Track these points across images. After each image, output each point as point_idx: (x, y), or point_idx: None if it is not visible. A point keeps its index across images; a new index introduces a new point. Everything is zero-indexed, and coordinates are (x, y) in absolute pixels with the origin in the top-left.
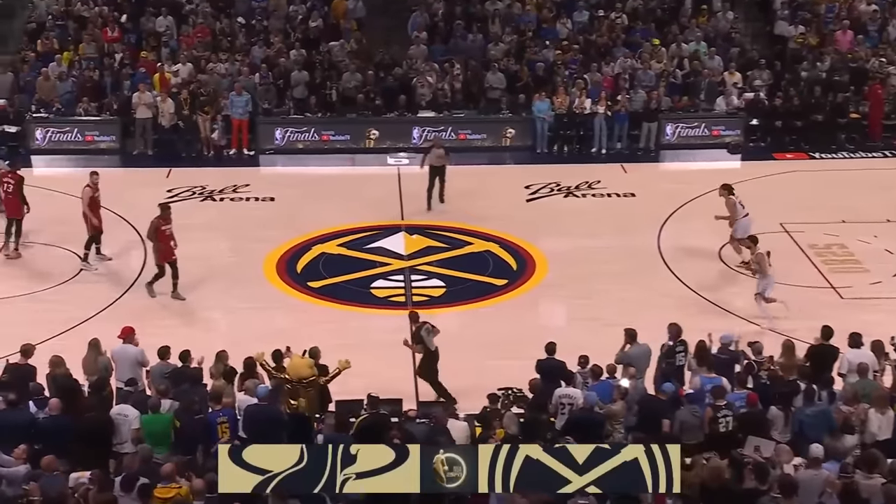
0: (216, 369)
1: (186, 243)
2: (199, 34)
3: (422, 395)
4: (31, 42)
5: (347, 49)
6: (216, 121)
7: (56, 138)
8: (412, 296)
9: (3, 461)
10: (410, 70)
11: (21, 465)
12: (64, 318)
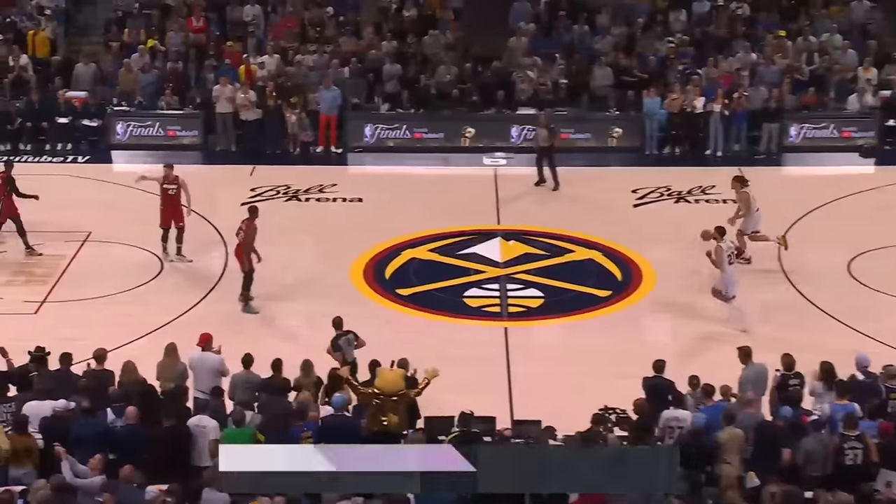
0: (304, 381)
1: (269, 246)
2: (287, 24)
3: (517, 413)
4: (116, 31)
5: (443, 41)
6: (303, 116)
7: (137, 133)
8: (508, 306)
9: (79, 471)
10: (510, 64)
11: (97, 475)
12: (141, 322)
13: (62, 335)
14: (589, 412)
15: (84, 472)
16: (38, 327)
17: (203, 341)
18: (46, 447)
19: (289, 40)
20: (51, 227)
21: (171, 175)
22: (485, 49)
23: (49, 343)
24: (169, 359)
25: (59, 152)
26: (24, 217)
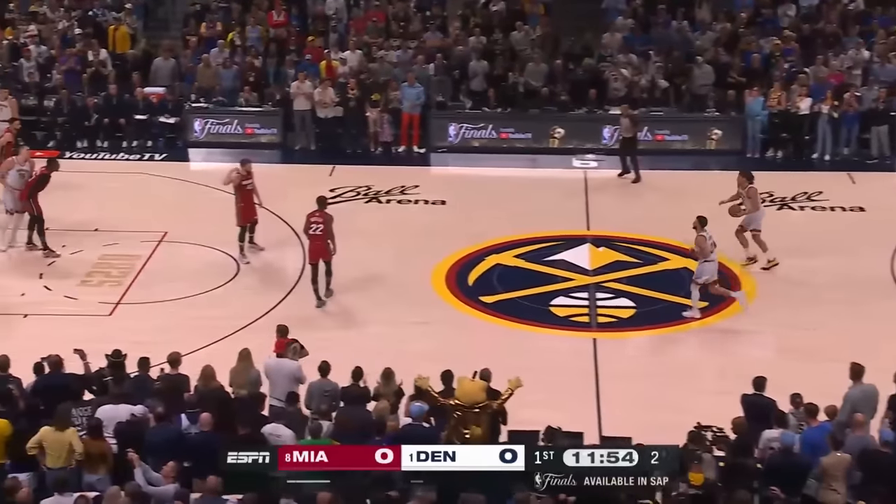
0: (384, 390)
1: (348, 249)
2: (370, 18)
3: (606, 429)
4: (194, 26)
5: (532, 37)
6: (385, 114)
7: (215, 130)
8: (597, 316)
9: (152, 478)
10: (603, 61)
11: (170, 483)
12: (216, 325)
13: (136, 338)
14: (683, 430)
15: (157, 480)
16: (113, 329)
17: (279, 347)
18: (120, 452)
19: (372, 35)
20: (126, 226)
21: (251, 170)
22: (576, 45)
23: (123, 346)
24: (242, 364)
25: (136, 149)
26: (102, 215)
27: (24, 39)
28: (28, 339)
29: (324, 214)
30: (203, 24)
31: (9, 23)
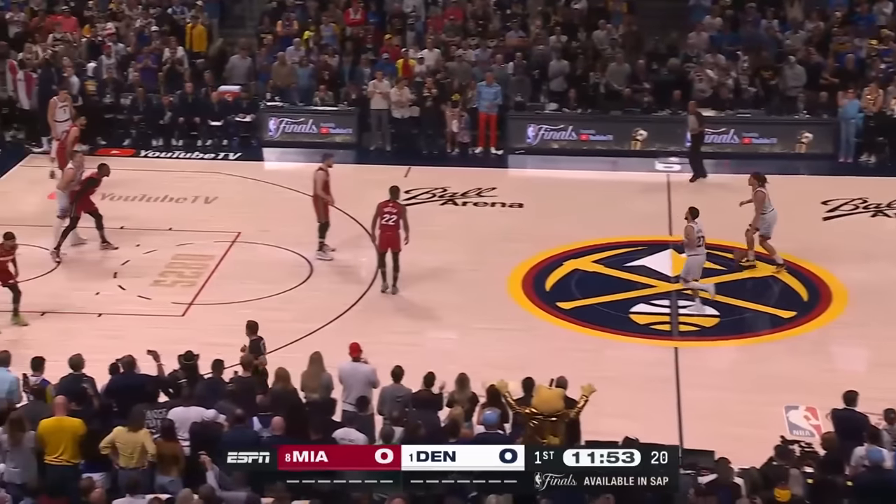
0: (458, 396)
1: (422, 252)
2: (448, 16)
3: (687, 442)
4: (270, 23)
5: (615, 36)
6: (463, 115)
7: (289, 129)
8: (679, 324)
9: (225, 483)
10: (688, 61)
11: (241, 487)
12: (288, 328)
13: (209, 339)
14: (769, 444)
15: (229, 484)
16: (186, 330)
17: (354, 351)
18: (193, 455)
19: (450, 34)
20: (200, 226)
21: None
22: (660, 45)
23: (195, 347)
24: (314, 368)
25: (211, 148)
26: (176, 215)
27: (103, 37)
28: (102, 339)
29: (397, 205)
30: (279, 21)
31: (87, 20)
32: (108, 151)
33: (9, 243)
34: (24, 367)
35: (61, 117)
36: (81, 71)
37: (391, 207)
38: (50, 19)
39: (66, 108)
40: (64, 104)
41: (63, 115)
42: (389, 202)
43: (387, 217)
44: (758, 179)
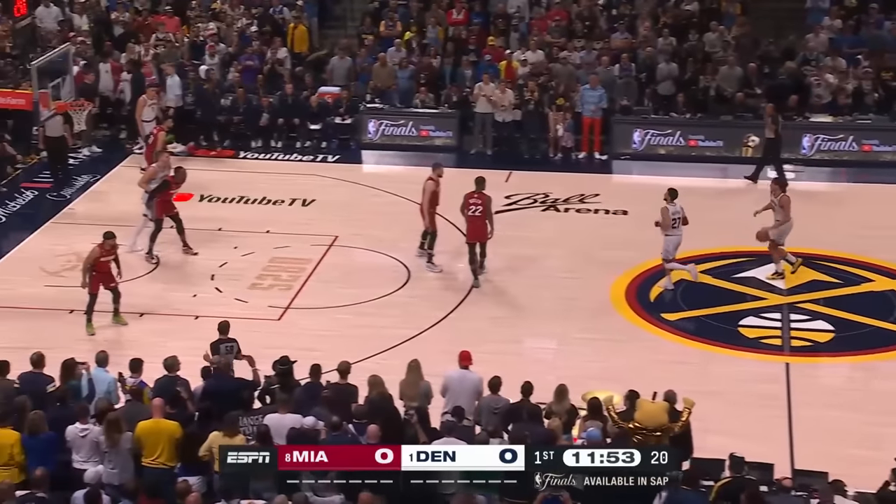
0: (556, 407)
1: (522, 259)
2: (553, 17)
3: (799, 462)
4: (372, 24)
5: (727, 38)
6: (567, 118)
7: (389, 132)
8: (790, 339)
9: (318, 489)
10: (806, 64)
11: (335, 495)
12: (386, 334)
13: (305, 344)
14: (886, 467)
15: (323, 490)
16: (281, 335)
17: (465, 359)
18: None
19: (555, 35)
20: (298, 228)
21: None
22: (776, 47)
23: (291, 352)
24: (412, 376)
25: (309, 150)
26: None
27: (204, 37)
28: (198, 341)
29: (482, 196)
30: (381, 22)
31: (189, 21)
32: (208, 152)
33: (109, 243)
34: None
35: (148, 116)
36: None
37: (476, 198)
38: (153, 19)
39: (153, 107)
40: (152, 102)
41: (150, 114)
42: (475, 193)
43: (472, 208)
44: (779, 186)
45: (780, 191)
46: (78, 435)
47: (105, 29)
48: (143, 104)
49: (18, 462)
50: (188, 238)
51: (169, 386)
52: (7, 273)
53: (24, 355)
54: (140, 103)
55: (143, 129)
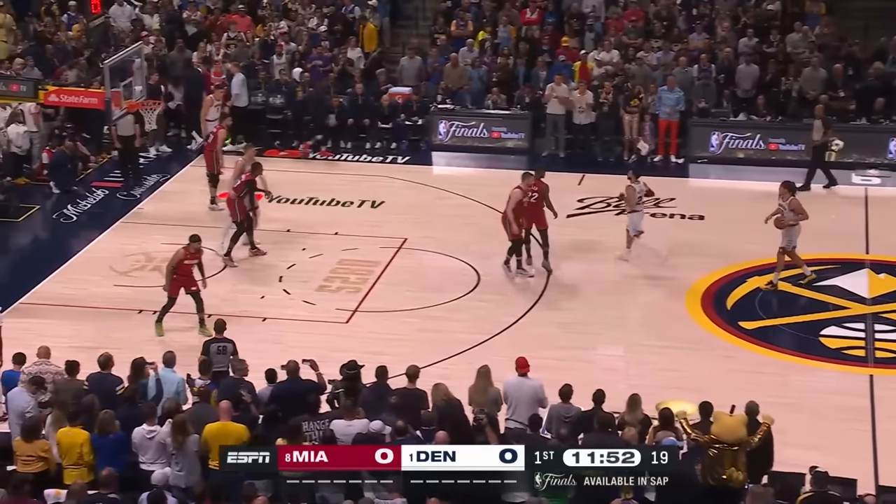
0: (628, 417)
1: (594, 263)
2: (630, 17)
3: (883, 478)
4: (444, 23)
5: (811, 38)
6: (644, 120)
7: (460, 133)
8: (874, 349)
9: (382, 494)
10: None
11: (397, 499)
12: (454, 339)
13: (372, 348)
14: None
15: (386, 496)
16: (349, 338)
17: (522, 366)
18: None
19: (631, 35)
20: (366, 231)
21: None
22: (863, 48)
23: (358, 356)
24: (481, 382)
25: (379, 151)
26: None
27: (275, 36)
28: (264, 344)
29: (539, 183)
30: (453, 21)
31: (260, 19)
32: (276, 153)
33: (194, 246)
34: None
35: (213, 116)
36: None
37: (533, 186)
38: (225, 18)
39: (218, 108)
40: (218, 103)
41: (215, 113)
42: (532, 181)
43: (529, 195)
44: (788, 189)
45: (790, 194)
46: (145, 437)
47: (177, 28)
48: (210, 104)
49: (88, 462)
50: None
51: (232, 388)
52: (77, 272)
53: (93, 355)
54: (206, 102)
55: (206, 128)
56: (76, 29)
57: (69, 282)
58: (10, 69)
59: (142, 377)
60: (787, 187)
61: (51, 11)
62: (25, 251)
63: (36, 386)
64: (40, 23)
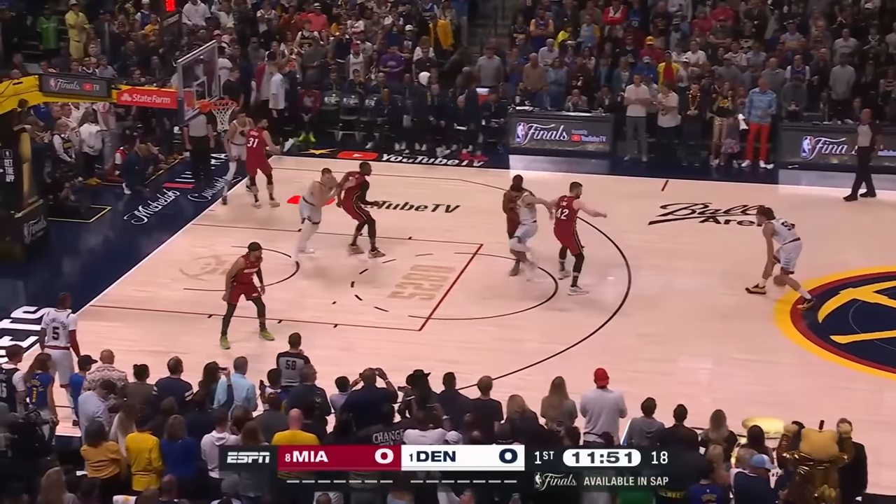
0: (712, 434)
1: (677, 272)
2: (719, 16)
3: None
4: (523, 22)
5: None
6: (734, 123)
7: (538, 136)
8: None
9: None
10: None
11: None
12: (529, 349)
13: (445, 357)
14: None
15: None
16: (422, 346)
17: (601, 378)
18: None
19: (719, 35)
20: (441, 236)
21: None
22: None
23: (431, 365)
24: (556, 395)
25: (455, 154)
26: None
27: (350, 35)
28: (334, 350)
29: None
30: (533, 20)
31: (335, 18)
32: (350, 155)
33: (255, 254)
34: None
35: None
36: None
37: (565, 202)
38: (300, 17)
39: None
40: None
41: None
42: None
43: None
44: (764, 214)
45: (766, 219)
46: (214, 444)
47: (250, 27)
48: (235, 131)
49: (157, 468)
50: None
51: (305, 395)
52: (148, 275)
53: (161, 359)
54: (231, 129)
55: (231, 150)
56: (150, 27)
57: (139, 284)
58: (87, 66)
59: (214, 382)
60: (763, 212)
61: (125, 9)
62: (96, 253)
63: (107, 390)
64: (114, 21)
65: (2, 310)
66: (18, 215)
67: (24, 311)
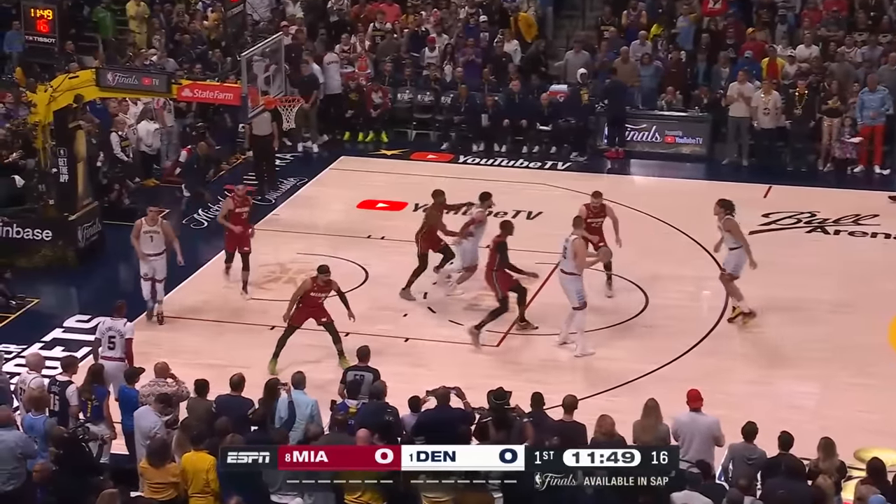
0: (822, 464)
1: (780, 287)
2: (831, 7)
3: None
4: (613, 14)
5: None
6: (844, 125)
7: (629, 137)
8: None
9: None
10: None
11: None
12: (617, 368)
13: (525, 374)
14: None
15: None
16: (500, 363)
17: (694, 400)
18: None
19: (831, 28)
20: (521, 244)
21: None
22: None
23: (510, 383)
24: (648, 418)
25: (537, 156)
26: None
27: (426, 27)
28: (406, 366)
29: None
30: (624, 12)
31: (410, 8)
32: (425, 156)
33: (323, 278)
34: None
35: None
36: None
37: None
38: (372, 8)
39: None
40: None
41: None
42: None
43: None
44: (722, 207)
45: (724, 213)
46: None
47: (320, 18)
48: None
49: (214, 490)
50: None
51: (377, 415)
52: (207, 282)
53: (220, 373)
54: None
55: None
56: (213, 18)
57: (198, 293)
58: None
59: (274, 399)
60: (722, 205)
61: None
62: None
63: (163, 404)
64: (172, 11)
65: (54, 318)
66: (72, 218)
67: (77, 321)
